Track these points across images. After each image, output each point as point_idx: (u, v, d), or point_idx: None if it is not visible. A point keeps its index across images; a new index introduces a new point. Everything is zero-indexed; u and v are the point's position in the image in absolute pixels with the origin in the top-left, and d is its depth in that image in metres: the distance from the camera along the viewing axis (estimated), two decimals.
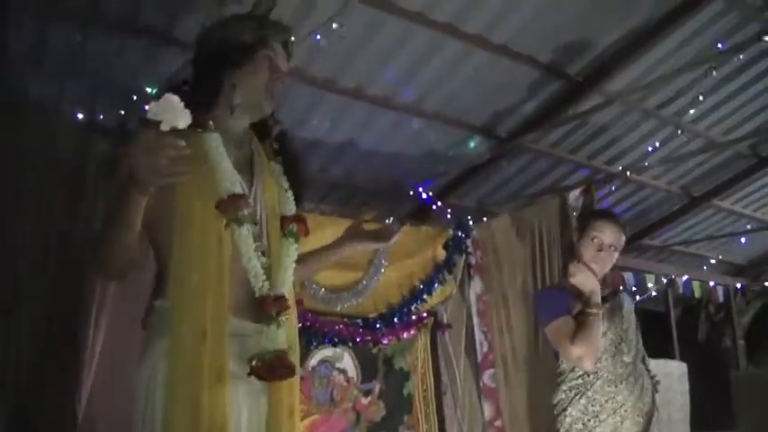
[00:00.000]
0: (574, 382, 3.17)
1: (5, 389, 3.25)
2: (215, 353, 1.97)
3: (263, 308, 2.08)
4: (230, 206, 2.05)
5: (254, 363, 2.04)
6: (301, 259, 2.38)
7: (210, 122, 2.12)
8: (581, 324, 3.08)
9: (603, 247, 3.26)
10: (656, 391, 3.26)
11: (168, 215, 2.05)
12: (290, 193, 2.31)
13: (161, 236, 2.10)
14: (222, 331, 1.99)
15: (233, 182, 2.10)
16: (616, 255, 3.31)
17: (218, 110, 2.20)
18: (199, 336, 1.95)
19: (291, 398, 2.14)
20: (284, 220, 2.25)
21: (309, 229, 2.34)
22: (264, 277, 2.10)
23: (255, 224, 2.14)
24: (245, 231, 2.08)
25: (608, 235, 3.27)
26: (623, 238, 3.33)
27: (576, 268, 3.19)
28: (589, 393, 3.12)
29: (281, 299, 2.12)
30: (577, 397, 3.13)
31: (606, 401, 3.09)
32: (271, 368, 2.04)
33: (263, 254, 2.14)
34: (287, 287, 2.18)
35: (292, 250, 2.24)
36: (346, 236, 2.54)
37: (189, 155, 1.85)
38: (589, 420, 3.09)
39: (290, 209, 2.29)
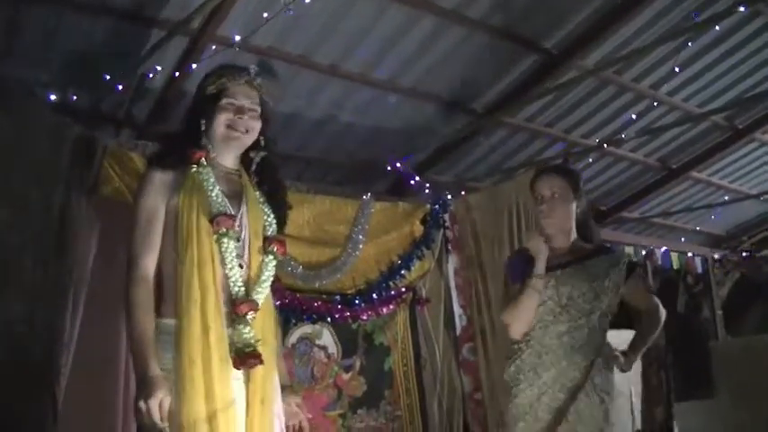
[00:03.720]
0: (511, 348, 3.14)
1: None
2: (218, 342, 2.39)
3: (236, 309, 2.47)
4: (220, 223, 2.50)
5: (231, 355, 2.43)
6: None
7: (203, 159, 2.58)
8: (518, 292, 3.06)
9: (544, 199, 3.18)
10: (605, 369, 3.07)
11: (171, 234, 2.50)
12: (272, 218, 2.71)
13: (164, 253, 2.51)
14: (220, 324, 2.42)
15: (222, 204, 2.54)
16: (567, 204, 3.19)
17: (206, 150, 2.63)
18: (204, 330, 2.38)
19: (264, 388, 2.50)
20: (267, 240, 2.66)
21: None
22: (241, 284, 2.52)
23: (238, 241, 2.56)
24: (231, 245, 2.51)
25: (542, 186, 3.20)
26: (565, 183, 3.21)
27: (529, 234, 3.20)
28: (518, 362, 3.09)
29: (251, 303, 2.50)
30: (509, 364, 3.13)
31: (528, 371, 3.05)
32: (241, 359, 2.42)
33: (240, 267, 2.54)
34: (262, 296, 2.57)
35: (271, 266, 2.64)
36: None
37: (188, 186, 2.50)
38: (512, 388, 3.08)
39: (272, 231, 2.70)
